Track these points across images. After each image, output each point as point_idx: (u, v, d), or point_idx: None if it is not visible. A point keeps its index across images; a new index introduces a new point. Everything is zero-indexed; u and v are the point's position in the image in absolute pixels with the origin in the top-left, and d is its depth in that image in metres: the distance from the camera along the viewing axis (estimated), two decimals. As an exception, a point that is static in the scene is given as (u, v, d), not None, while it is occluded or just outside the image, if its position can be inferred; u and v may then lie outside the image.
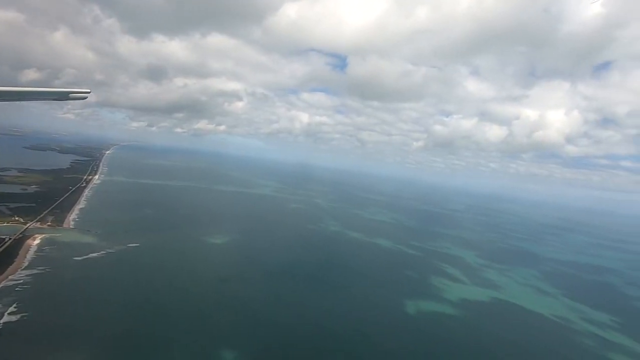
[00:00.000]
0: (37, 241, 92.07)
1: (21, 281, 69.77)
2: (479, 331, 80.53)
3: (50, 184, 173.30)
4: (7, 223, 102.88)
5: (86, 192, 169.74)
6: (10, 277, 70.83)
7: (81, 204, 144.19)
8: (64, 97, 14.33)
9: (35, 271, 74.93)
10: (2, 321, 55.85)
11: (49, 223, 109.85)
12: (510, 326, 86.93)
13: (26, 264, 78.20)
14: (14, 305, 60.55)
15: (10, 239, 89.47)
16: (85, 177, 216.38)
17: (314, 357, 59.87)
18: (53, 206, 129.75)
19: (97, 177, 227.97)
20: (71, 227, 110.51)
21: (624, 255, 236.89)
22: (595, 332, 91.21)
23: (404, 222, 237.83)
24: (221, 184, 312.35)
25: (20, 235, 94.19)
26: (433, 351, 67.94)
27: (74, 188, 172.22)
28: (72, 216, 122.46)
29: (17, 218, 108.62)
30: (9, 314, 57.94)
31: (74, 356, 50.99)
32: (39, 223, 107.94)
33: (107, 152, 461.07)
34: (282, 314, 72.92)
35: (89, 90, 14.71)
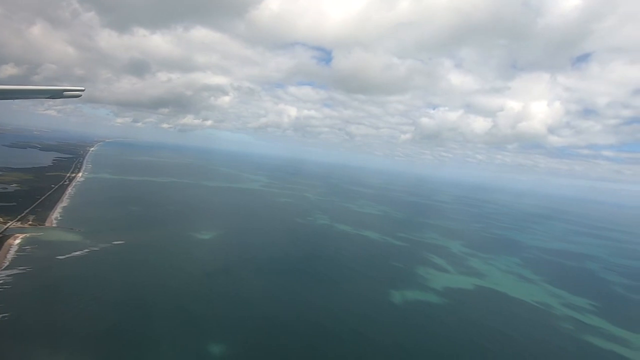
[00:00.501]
0: (18, 241, 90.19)
1: (1, 281, 68.46)
2: (463, 319, 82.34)
3: (31, 182, 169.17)
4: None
5: (69, 190, 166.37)
6: (-10, 277, 69.49)
7: (64, 202, 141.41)
8: (58, 95, 14.10)
9: (15, 271, 73.56)
10: (-18, 322, 54.93)
11: (30, 222, 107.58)
12: (493, 313, 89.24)
13: (7, 263, 76.64)
14: (-5, 305, 59.57)
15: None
16: (68, 174, 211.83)
17: (302, 351, 60.28)
18: (34, 205, 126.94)
19: (80, 174, 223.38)
20: (54, 225, 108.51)
21: (604, 242, 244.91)
22: (574, 316, 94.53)
23: (392, 214, 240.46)
24: (209, 179, 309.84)
25: (0, 235, 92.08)
26: (418, 341, 69.23)
27: (56, 186, 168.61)
28: (55, 215, 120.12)
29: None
30: (-11, 314, 57.00)
31: (58, 355, 50.61)
32: (19, 222, 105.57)
33: (92, 149, 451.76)
34: (270, 308, 73.31)
35: (83, 88, 14.70)
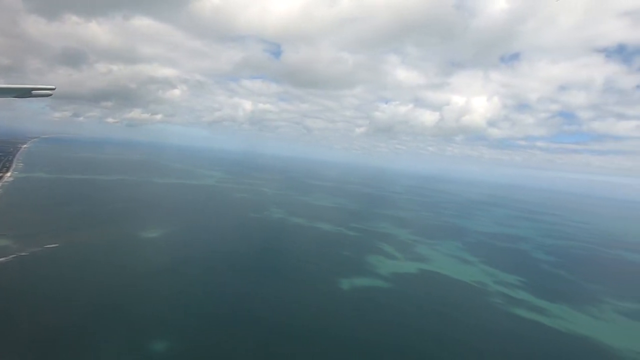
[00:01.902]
0: None
1: None
2: (409, 303, 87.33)
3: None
4: None
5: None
6: None
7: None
8: (25, 94, 12.82)
9: None
10: None
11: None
12: (435, 295, 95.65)
13: None
14: None
15: None
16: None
17: (254, 349, 60.37)
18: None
19: (9, 174, 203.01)
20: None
21: (536, 224, 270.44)
22: (504, 292, 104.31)
23: (347, 206, 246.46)
24: (160, 176, 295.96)
25: None
26: (368, 328, 72.39)
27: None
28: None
29: None
30: None
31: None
32: None
33: (24, 146, 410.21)
34: (218, 305, 73.07)
35: (53, 87, 13.45)
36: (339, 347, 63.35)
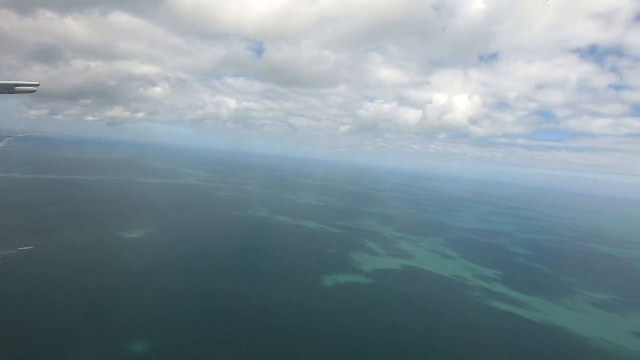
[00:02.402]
0: None
1: None
2: (392, 299, 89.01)
3: None
4: None
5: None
6: None
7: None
8: (8, 90, 12.37)
9: None
10: None
11: None
12: (418, 289, 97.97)
13: None
14: None
15: None
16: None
17: (238, 347, 60.39)
18: None
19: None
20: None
21: (515, 220, 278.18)
22: (483, 285, 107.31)
23: (332, 204, 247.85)
24: (143, 176, 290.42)
25: None
26: (352, 325, 73.23)
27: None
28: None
29: None
30: None
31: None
32: None
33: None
34: (204, 305, 72.62)
35: (38, 83, 13.00)
36: (327, 345, 63.91)
